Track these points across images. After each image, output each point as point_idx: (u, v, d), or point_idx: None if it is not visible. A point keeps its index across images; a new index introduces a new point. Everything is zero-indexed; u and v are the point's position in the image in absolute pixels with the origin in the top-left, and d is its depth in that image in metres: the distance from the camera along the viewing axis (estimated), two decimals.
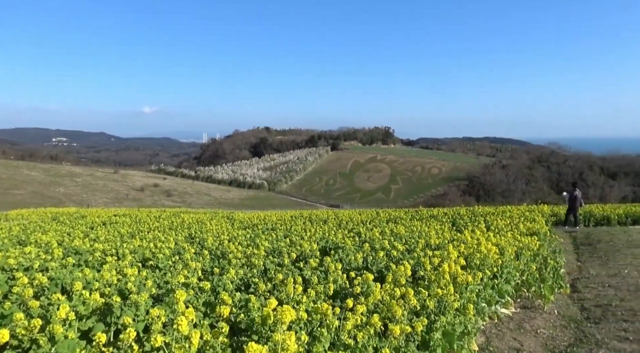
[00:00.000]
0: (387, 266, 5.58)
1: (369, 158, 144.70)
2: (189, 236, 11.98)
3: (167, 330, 2.77)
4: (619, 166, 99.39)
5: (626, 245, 12.49)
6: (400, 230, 10.69)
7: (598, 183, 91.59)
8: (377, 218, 17.64)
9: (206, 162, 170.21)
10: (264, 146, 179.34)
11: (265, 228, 14.56)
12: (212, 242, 9.22)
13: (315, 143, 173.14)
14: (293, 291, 4.03)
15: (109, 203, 79.07)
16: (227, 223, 17.04)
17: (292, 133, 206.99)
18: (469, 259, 5.98)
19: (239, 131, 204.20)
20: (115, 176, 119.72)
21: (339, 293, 4.58)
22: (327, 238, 8.98)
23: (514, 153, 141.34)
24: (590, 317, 6.54)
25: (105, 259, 6.65)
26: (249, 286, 5.02)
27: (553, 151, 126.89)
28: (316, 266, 5.60)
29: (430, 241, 7.73)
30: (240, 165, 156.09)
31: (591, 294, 7.80)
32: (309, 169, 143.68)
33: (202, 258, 6.79)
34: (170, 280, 4.64)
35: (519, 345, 5.30)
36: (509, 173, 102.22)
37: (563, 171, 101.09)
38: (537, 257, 8.11)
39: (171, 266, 6.27)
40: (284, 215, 21.84)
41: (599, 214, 20.29)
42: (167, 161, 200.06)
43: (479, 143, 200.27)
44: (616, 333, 5.66)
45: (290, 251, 6.97)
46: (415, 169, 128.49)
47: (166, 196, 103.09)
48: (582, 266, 10.45)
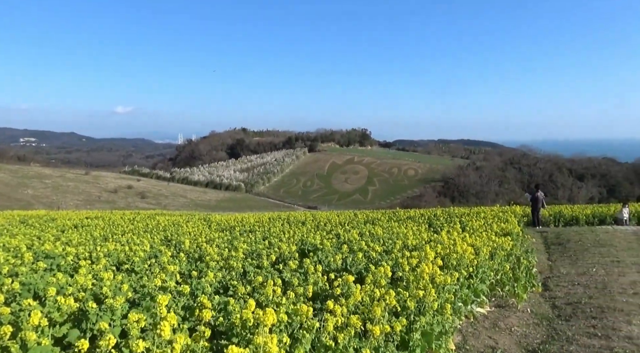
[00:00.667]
0: (367, 268, 5.62)
1: (347, 160, 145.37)
2: (165, 239, 11.77)
3: (145, 335, 2.72)
4: (586, 168, 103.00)
5: (594, 244, 12.95)
6: (378, 231, 10.79)
7: (567, 184, 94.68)
8: (355, 220, 17.74)
9: (182, 163, 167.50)
10: (241, 147, 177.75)
11: (243, 230, 14.44)
12: (189, 245, 9.08)
13: (292, 145, 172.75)
14: (272, 293, 4.02)
15: (81, 206, 76.80)
16: (204, 225, 16.82)
17: (269, 134, 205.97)
18: (445, 259, 6.09)
19: (216, 132, 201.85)
20: (87, 178, 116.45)
21: (319, 295, 4.59)
22: (306, 240, 8.98)
23: (487, 155, 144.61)
24: (561, 314, 6.75)
25: (78, 263, 6.47)
26: (227, 289, 4.97)
27: (524, 153, 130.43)
28: (295, 268, 5.59)
29: (408, 242, 7.83)
30: (216, 166, 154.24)
31: (562, 292, 8.05)
32: (287, 170, 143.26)
33: (179, 261, 6.68)
34: (147, 283, 4.56)
35: (494, 344, 5.42)
36: (482, 175, 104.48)
37: (534, 172, 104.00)
38: (510, 257, 8.33)
39: (147, 270, 6.15)
40: (262, 217, 21.72)
41: (568, 215, 20.96)
42: (141, 162, 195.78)
43: (453, 145, 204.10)
44: (585, 330, 5.86)
45: (269, 253, 6.94)
46: (392, 171, 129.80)
47: (140, 198, 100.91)
48: (553, 265, 10.78)
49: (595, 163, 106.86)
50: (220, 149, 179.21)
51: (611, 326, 5.90)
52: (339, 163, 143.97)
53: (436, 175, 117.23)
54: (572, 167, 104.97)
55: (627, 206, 19.97)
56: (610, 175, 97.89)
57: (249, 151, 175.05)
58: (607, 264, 10.20)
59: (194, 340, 2.51)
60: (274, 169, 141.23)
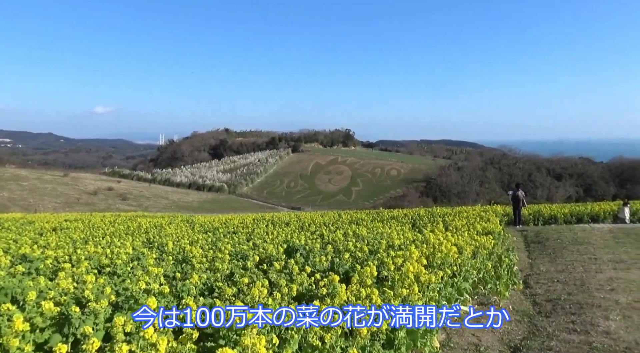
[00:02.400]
0: (353, 268, 5.65)
1: (330, 160, 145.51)
2: (147, 241, 11.60)
3: (130, 338, 2.68)
4: (563, 168, 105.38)
5: (572, 242, 13.27)
6: (362, 231, 10.84)
7: (545, 183, 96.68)
8: (339, 220, 17.79)
9: (163, 164, 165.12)
10: (224, 148, 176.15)
11: (227, 231, 14.33)
12: (172, 246, 8.97)
13: (276, 145, 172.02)
14: (258, 294, 4.00)
15: (59, 208, 75.01)
16: (187, 227, 16.64)
17: (252, 135, 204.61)
18: (430, 258, 6.16)
19: (198, 133, 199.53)
20: (65, 179, 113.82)
21: (305, 295, 4.59)
22: (291, 241, 8.97)
23: (468, 156, 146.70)
24: (542, 311, 6.90)
25: (58, 266, 6.32)
26: (213, 290, 4.94)
27: (504, 153, 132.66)
28: (281, 268, 5.58)
29: (393, 241, 7.89)
30: (199, 167, 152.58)
31: (542, 289, 8.23)
32: (270, 171, 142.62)
33: (163, 263, 6.60)
34: (131, 286, 4.49)
35: (478, 341, 5.51)
36: (463, 175, 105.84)
37: (513, 172, 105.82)
38: (492, 255, 8.48)
39: (130, 272, 6.05)
40: (246, 218, 21.59)
41: (547, 214, 21.43)
42: (121, 163, 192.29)
43: (435, 145, 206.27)
44: (565, 326, 6.01)
45: (254, 254, 6.91)
46: (375, 171, 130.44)
47: (121, 199, 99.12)
48: (533, 263, 11.01)
49: (572, 163, 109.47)
50: (202, 150, 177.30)
51: (589, 321, 6.06)
52: (323, 163, 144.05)
53: (419, 175, 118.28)
54: (551, 167, 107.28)
55: (628, 205, 20.38)
56: (586, 174, 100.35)
57: (232, 151, 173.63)
58: (585, 261, 10.47)
59: (180, 342, 2.49)
60: (258, 170, 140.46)
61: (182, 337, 2.54)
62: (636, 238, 13.50)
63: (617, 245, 12.67)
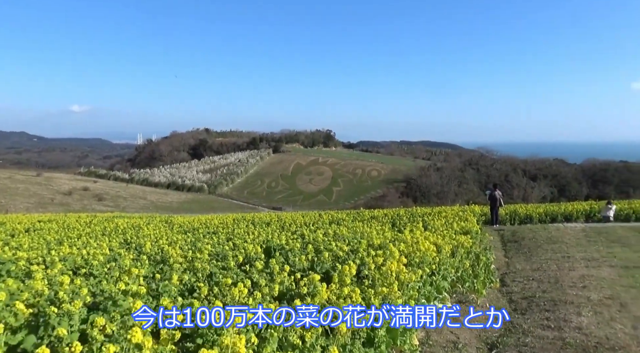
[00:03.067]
0: (333, 267, 5.67)
1: (311, 161, 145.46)
2: (124, 242, 11.39)
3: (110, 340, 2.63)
4: (538, 169, 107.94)
5: (546, 241, 13.62)
6: (343, 231, 10.88)
7: (521, 184, 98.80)
8: (320, 220, 17.81)
9: (141, 164, 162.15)
10: (204, 148, 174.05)
11: (206, 231, 14.19)
12: (150, 247, 8.83)
13: (256, 145, 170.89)
14: (239, 294, 3.98)
15: (32, 209, 72.80)
16: (165, 227, 16.40)
17: (232, 135, 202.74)
18: (409, 257, 6.23)
19: (177, 132, 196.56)
20: (39, 179, 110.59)
21: (285, 295, 4.59)
22: (271, 240, 8.94)
23: (447, 157, 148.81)
24: (518, 308, 7.07)
25: (30, 268, 6.15)
26: (193, 291, 4.88)
27: (482, 154, 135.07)
28: (262, 268, 5.56)
29: (373, 241, 7.95)
30: (178, 167, 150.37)
31: (518, 287, 8.43)
32: (251, 171, 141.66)
33: (140, 263, 6.49)
34: (108, 287, 4.40)
35: (456, 338, 5.61)
36: (443, 176, 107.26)
37: (491, 173, 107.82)
38: (470, 254, 8.63)
39: (107, 274, 5.93)
40: (226, 218, 21.41)
41: (522, 213, 21.93)
42: (98, 163, 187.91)
43: (415, 146, 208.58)
44: (540, 322, 6.17)
45: (235, 254, 6.86)
46: (356, 172, 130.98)
47: (97, 200, 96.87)
48: (510, 262, 11.25)
49: (547, 164, 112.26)
50: (182, 150, 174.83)
51: (563, 318, 6.24)
52: (304, 163, 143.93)
53: (399, 176, 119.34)
54: (526, 168, 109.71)
55: (612, 204, 20.92)
56: (560, 175, 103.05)
57: (212, 151, 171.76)
58: (559, 259, 10.77)
59: (161, 343, 2.45)
60: (238, 170, 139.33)
61: (163, 338, 2.51)
62: (607, 237, 13.94)
63: (589, 243, 13.07)
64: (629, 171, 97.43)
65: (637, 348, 5.06)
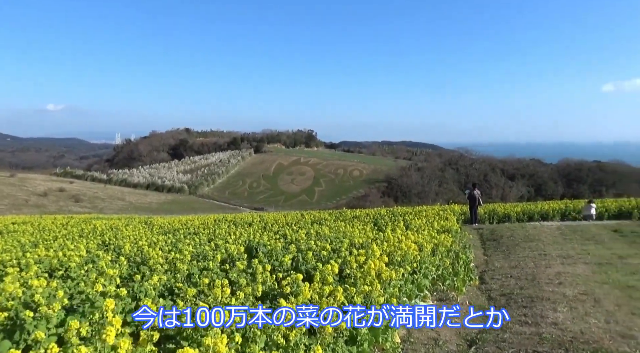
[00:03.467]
0: (315, 266, 5.68)
1: (293, 161, 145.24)
2: (102, 244, 11.16)
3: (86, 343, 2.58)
4: (516, 169, 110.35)
5: (524, 239, 13.91)
6: (325, 230, 10.91)
7: (499, 183, 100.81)
8: (302, 220, 17.79)
9: (120, 164, 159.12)
10: (184, 148, 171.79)
11: (187, 232, 14.02)
12: (129, 249, 8.67)
13: (238, 145, 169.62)
14: (221, 294, 3.95)
15: (5, 210, 70.63)
16: (145, 229, 16.14)
17: (213, 135, 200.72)
18: (391, 256, 6.29)
19: (157, 132, 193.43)
20: (12, 180, 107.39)
21: (268, 294, 4.58)
22: (253, 240, 8.90)
23: (427, 157, 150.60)
24: (496, 305, 7.20)
25: (5, 271, 5.98)
26: (173, 292, 4.83)
27: (462, 154, 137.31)
28: (244, 268, 5.53)
29: (355, 240, 7.99)
30: (158, 168, 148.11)
31: (496, 284, 8.59)
32: (232, 171, 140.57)
33: (119, 265, 6.38)
34: (85, 289, 4.31)
35: (437, 335, 5.68)
36: (423, 175, 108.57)
37: (470, 173, 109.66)
38: (450, 253, 8.75)
39: (84, 276, 5.81)
40: (207, 219, 21.20)
41: (501, 212, 22.35)
42: (74, 163, 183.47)
43: (396, 146, 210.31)
44: (518, 318, 6.30)
45: (216, 254, 6.80)
46: (338, 172, 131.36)
47: (74, 201, 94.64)
48: (488, 260, 11.46)
49: (524, 164, 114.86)
50: (161, 150, 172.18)
51: (540, 314, 6.39)
52: (285, 164, 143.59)
53: (380, 176, 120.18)
54: (504, 168, 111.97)
55: (593, 203, 21.37)
56: (537, 175, 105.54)
57: (192, 151, 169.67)
58: (536, 257, 11.01)
59: (139, 344, 2.42)
60: (219, 170, 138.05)
61: (142, 338, 2.48)
62: (582, 235, 14.33)
63: (564, 241, 13.40)
64: (601, 170, 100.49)
65: (609, 341, 5.22)
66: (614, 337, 5.39)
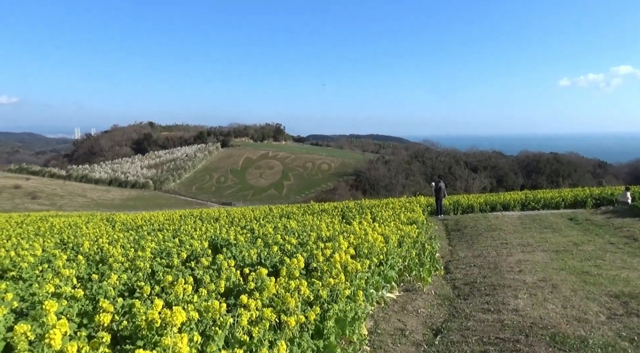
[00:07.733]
0: (282, 261, 5.62)
1: (261, 155, 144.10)
2: (60, 242, 10.67)
3: (34, 347, 2.43)
4: (479, 161, 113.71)
5: (486, 229, 14.33)
6: (292, 224, 10.85)
7: (463, 175, 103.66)
8: (270, 214, 17.67)
9: (80, 160, 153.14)
10: (148, 143, 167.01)
11: (151, 229, 13.64)
12: (88, 247, 8.32)
13: (204, 139, 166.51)
14: (183, 291, 3.84)
15: None
16: (106, 226, 15.58)
17: (178, 129, 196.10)
18: (358, 248, 6.31)
19: (119, 126, 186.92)
20: None
21: (233, 291, 4.49)
22: (218, 236, 8.73)
23: (394, 150, 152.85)
24: (461, 294, 7.38)
25: None
26: (134, 291, 4.65)
27: (427, 147, 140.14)
28: (208, 265, 5.41)
29: (322, 233, 7.97)
30: (120, 163, 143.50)
31: (461, 274, 8.79)
32: (199, 166, 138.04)
33: (76, 264, 6.10)
34: (38, 291, 4.09)
35: (403, 326, 5.75)
36: (390, 168, 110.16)
37: (436, 165, 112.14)
38: (416, 244, 8.89)
39: (39, 276, 5.52)
40: (172, 215, 20.69)
41: (465, 203, 22.94)
42: (30, 159, 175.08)
43: (364, 140, 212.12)
44: (481, 306, 6.47)
45: (180, 251, 6.62)
46: (307, 166, 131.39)
47: (31, 198, 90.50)
48: (453, 250, 11.73)
49: (486, 156, 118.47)
50: (124, 145, 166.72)
51: (501, 301, 6.58)
52: (254, 158, 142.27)
53: (348, 169, 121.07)
54: (468, 160, 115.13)
55: (629, 190, 21.43)
56: (498, 167, 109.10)
57: (157, 146, 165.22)
58: (498, 246, 11.36)
59: (92, 347, 2.29)
60: (185, 165, 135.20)
61: (93, 341, 2.35)
62: (540, 224, 14.91)
63: (524, 230, 13.90)
64: (558, 162, 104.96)
65: (566, 326, 5.44)
66: (570, 321, 5.61)
